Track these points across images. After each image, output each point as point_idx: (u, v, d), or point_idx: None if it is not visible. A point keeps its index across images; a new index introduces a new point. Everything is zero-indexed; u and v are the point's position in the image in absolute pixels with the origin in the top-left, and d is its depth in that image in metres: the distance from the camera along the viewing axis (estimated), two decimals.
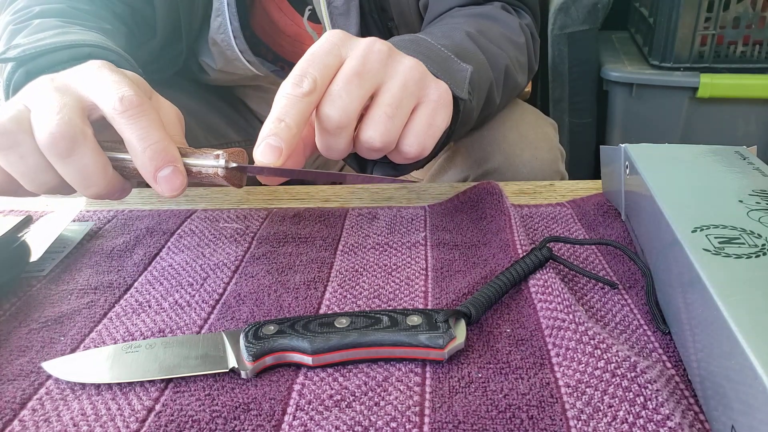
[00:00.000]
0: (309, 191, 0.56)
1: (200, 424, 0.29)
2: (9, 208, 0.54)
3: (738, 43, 1.23)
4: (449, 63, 0.47)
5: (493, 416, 0.29)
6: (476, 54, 0.53)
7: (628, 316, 0.36)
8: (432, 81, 0.41)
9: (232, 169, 0.39)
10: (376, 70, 0.39)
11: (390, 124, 0.39)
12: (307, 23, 0.70)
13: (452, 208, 0.50)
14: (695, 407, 0.29)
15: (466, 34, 0.55)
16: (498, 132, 0.63)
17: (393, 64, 0.40)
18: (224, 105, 0.81)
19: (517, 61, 0.61)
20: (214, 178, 0.40)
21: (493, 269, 0.41)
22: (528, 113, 0.67)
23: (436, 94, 0.41)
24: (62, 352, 0.34)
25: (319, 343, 0.32)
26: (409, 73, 0.40)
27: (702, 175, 0.40)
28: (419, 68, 0.40)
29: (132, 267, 0.43)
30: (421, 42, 0.47)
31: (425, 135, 0.41)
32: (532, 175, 0.61)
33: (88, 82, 0.39)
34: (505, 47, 0.59)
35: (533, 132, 0.64)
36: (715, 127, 1.28)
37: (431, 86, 0.41)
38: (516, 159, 0.61)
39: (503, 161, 0.61)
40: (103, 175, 0.38)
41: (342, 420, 0.29)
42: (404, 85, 0.39)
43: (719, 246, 0.31)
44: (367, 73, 0.38)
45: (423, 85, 0.40)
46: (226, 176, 0.39)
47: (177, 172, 0.38)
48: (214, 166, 0.39)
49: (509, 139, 0.62)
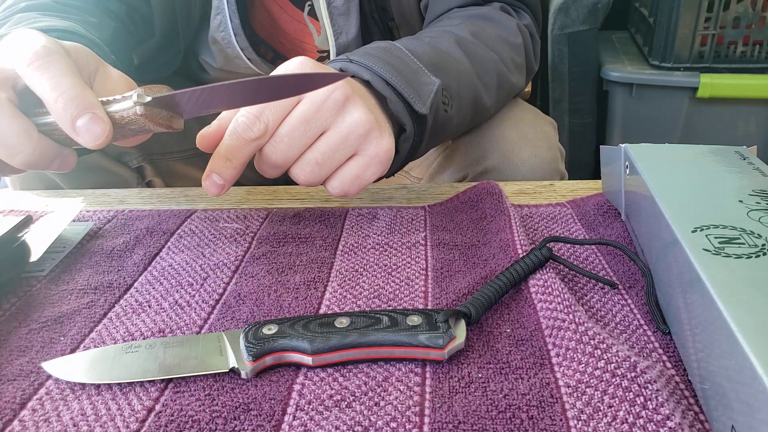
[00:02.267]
0: (309, 191, 0.56)
1: (200, 424, 0.29)
2: (9, 208, 0.54)
3: (738, 43, 1.23)
4: (418, 75, 0.48)
5: (493, 416, 0.29)
6: (460, 62, 0.54)
7: (628, 316, 0.36)
8: (375, 138, 0.42)
9: (152, 106, 0.36)
10: (325, 119, 0.40)
11: (317, 169, 0.41)
12: (308, 18, 0.70)
13: (452, 208, 0.50)
14: (695, 407, 0.29)
15: (455, 41, 0.56)
16: (497, 130, 0.63)
17: (343, 114, 0.41)
18: None
19: (512, 62, 0.62)
20: (138, 121, 0.37)
21: (493, 269, 0.41)
22: (527, 112, 0.68)
23: (374, 151, 0.42)
24: (62, 352, 0.34)
25: (319, 343, 0.32)
26: (355, 127, 0.41)
27: (702, 175, 0.40)
28: (366, 124, 0.41)
29: (132, 267, 0.43)
30: (394, 52, 0.48)
31: (350, 184, 0.43)
32: (531, 174, 0.61)
33: (5, 49, 0.37)
34: (500, 49, 0.60)
35: (532, 131, 0.64)
36: (715, 127, 1.28)
37: (372, 143, 0.42)
38: (515, 157, 0.61)
39: (502, 160, 0.61)
40: (27, 139, 0.36)
41: (342, 420, 0.29)
42: (345, 138, 0.41)
43: (719, 246, 0.31)
44: (315, 121, 0.40)
45: (365, 140, 0.42)
46: (145, 114, 0.36)
47: (96, 119, 0.36)
48: (131, 104, 0.36)
49: (508, 137, 0.62)
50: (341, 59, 0.47)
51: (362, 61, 0.46)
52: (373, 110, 0.44)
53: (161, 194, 0.57)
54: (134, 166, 0.65)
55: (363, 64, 0.46)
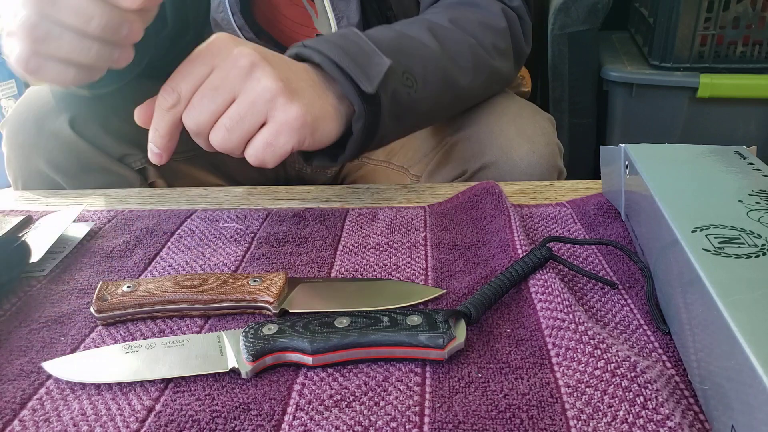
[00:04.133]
0: (309, 191, 0.56)
1: (200, 424, 0.29)
2: (9, 208, 0.54)
3: (738, 43, 1.23)
4: (370, 57, 0.49)
5: (493, 416, 0.29)
6: (429, 46, 0.56)
7: (628, 316, 0.36)
8: (283, 104, 0.43)
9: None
10: (232, 85, 0.43)
11: (227, 135, 0.43)
12: (306, 1, 0.70)
13: (452, 208, 0.50)
14: (695, 407, 0.29)
15: (428, 27, 0.57)
16: (495, 127, 0.64)
17: (251, 81, 0.43)
18: None
19: (494, 47, 0.63)
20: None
21: (493, 269, 0.41)
22: (526, 108, 0.68)
23: (283, 117, 0.43)
24: (62, 352, 0.34)
25: (319, 343, 0.32)
26: (261, 92, 0.43)
27: (702, 175, 0.40)
28: (273, 90, 0.43)
29: (132, 267, 0.43)
30: (350, 37, 0.50)
31: (263, 151, 0.44)
32: (530, 170, 0.62)
33: None
34: (479, 34, 0.61)
35: (531, 127, 0.64)
36: (715, 127, 1.28)
37: (280, 109, 0.43)
38: (513, 153, 0.62)
39: (500, 155, 0.62)
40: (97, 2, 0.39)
41: (342, 420, 0.29)
42: (252, 103, 0.43)
43: (719, 246, 0.31)
44: (223, 87, 0.43)
45: (273, 106, 0.43)
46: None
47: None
48: None
49: (506, 133, 0.63)
50: (296, 45, 0.49)
51: (314, 46, 0.48)
52: (314, 88, 0.46)
53: (161, 194, 0.57)
54: (137, 167, 0.66)
55: (315, 48, 0.48)
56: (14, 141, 0.63)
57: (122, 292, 0.37)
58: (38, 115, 0.62)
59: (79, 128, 0.62)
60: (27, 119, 0.62)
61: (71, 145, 0.61)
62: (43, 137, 0.61)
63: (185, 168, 0.72)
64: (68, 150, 0.61)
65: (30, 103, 0.63)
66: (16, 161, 0.63)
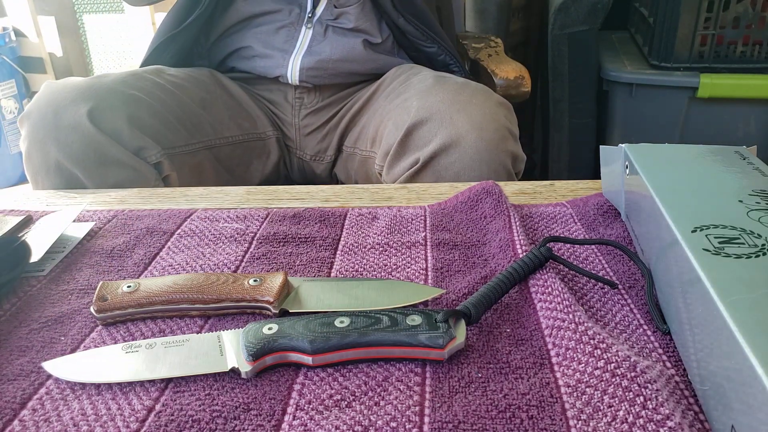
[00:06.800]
0: (309, 191, 0.56)
1: (200, 424, 0.29)
2: (9, 208, 0.54)
3: (738, 43, 1.22)
4: None
5: (493, 416, 0.29)
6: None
7: (628, 316, 0.36)
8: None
9: None
10: None
11: None
12: None
13: (452, 208, 0.50)
14: (695, 407, 0.29)
15: None
16: (446, 115, 0.65)
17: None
18: (234, 104, 0.82)
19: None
20: None
21: (493, 269, 0.41)
22: (478, 94, 0.69)
23: None
24: (62, 352, 0.34)
25: (319, 343, 0.32)
26: None
27: (702, 175, 0.40)
28: None
29: (132, 267, 0.43)
30: None
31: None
32: (479, 156, 0.63)
33: None
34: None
35: (479, 113, 0.65)
36: (715, 127, 1.28)
37: None
38: (462, 140, 0.63)
39: (450, 143, 0.63)
40: None
41: (342, 420, 0.29)
42: None
43: (719, 246, 0.31)
44: None
45: None
46: None
47: None
48: None
49: (455, 121, 0.64)
50: None
51: None
52: None
53: (161, 194, 0.57)
54: (153, 162, 0.66)
55: None
56: (35, 136, 0.63)
57: (122, 292, 0.37)
58: (57, 108, 0.63)
59: (97, 120, 0.62)
60: (47, 113, 0.63)
61: (89, 137, 0.62)
62: (62, 130, 0.62)
63: (190, 159, 0.73)
64: (86, 143, 0.62)
65: (48, 96, 0.64)
66: (37, 156, 0.63)
